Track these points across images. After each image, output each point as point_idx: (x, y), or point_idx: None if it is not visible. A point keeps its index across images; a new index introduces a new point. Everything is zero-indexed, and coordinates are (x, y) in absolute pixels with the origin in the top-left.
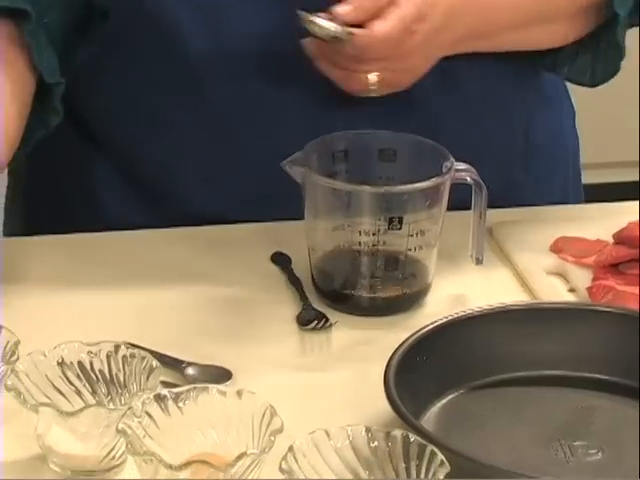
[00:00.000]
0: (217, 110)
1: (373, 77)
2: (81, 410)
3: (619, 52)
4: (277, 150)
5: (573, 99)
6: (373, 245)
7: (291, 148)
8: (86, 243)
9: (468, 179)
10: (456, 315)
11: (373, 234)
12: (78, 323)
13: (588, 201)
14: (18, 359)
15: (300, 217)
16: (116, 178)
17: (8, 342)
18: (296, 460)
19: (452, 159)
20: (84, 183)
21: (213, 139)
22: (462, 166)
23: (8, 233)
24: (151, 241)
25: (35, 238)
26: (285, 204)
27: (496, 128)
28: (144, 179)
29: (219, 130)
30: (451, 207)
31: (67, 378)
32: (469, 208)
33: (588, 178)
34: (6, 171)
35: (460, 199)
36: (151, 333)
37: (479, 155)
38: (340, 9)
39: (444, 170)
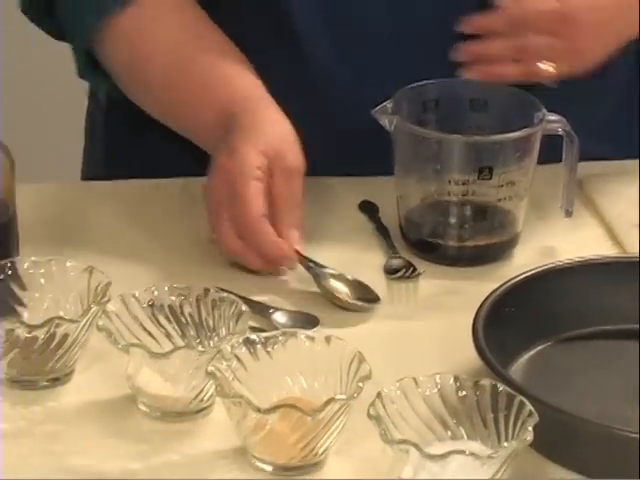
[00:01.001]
0: (315, 61)
1: (547, 67)
2: (171, 352)
3: None
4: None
5: None
6: (463, 195)
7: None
8: (172, 187)
9: (560, 130)
10: (545, 266)
11: (463, 184)
12: (167, 266)
13: None
14: (109, 300)
15: (389, 174)
16: None
17: (99, 283)
18: (384, 407)
19: (544, 110)
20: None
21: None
22: (554, 117)
23: (89, 176)
24: None
25: (121, 182)
26: (375, 160)
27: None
28: None
29: (313, 82)
30: (542, 160)
31: (157, 320)
32: (560, 161)
33: None
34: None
35: (551, 152)
36: (239, 279)
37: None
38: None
39: (535, 121)
